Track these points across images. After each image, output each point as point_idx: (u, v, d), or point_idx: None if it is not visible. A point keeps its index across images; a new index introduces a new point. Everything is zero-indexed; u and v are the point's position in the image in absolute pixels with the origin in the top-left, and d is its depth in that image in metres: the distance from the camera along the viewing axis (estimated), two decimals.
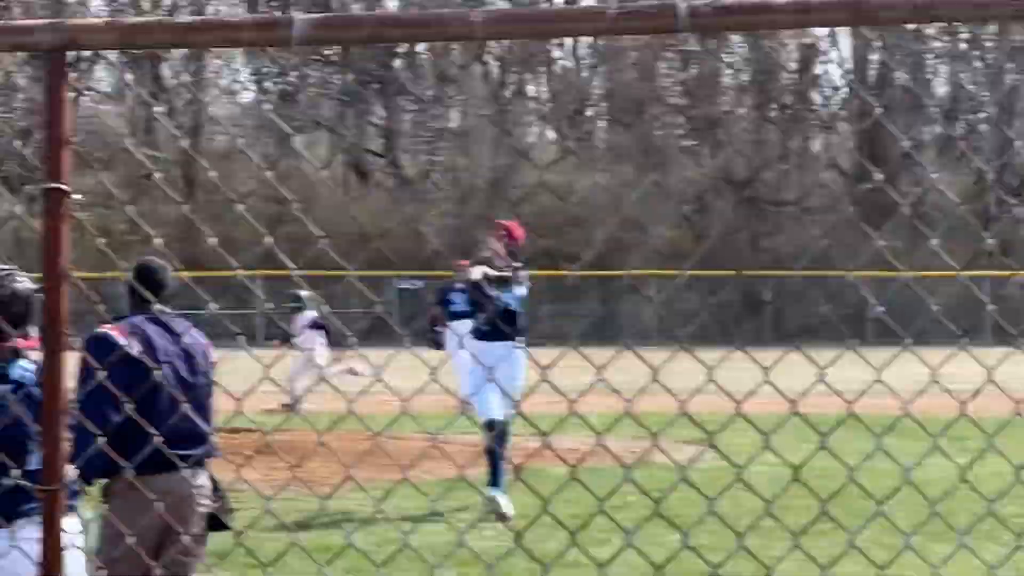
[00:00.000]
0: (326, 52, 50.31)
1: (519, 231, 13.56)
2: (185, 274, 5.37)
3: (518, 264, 13.66)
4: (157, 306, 7.31)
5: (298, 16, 3.26)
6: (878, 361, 3.61)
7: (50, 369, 3.44)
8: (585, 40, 48.45)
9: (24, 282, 5.86)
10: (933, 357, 3.65)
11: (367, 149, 54.92)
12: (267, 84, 54.59)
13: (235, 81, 55.76)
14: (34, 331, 5.85)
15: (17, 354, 5.79)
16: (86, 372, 7.10)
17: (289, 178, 47.63)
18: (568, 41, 51.09)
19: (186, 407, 7.20)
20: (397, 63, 53.55)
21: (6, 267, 5.87)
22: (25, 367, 5.81)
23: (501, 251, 13.53)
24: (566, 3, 52.97)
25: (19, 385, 5.77)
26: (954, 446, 14.42)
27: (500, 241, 13.52)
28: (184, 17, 3.49)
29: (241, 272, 10.64)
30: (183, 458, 7.05)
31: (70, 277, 3.35)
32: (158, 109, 52.04)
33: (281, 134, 50.13)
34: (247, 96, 57.10)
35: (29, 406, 5.48)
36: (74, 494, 5.61)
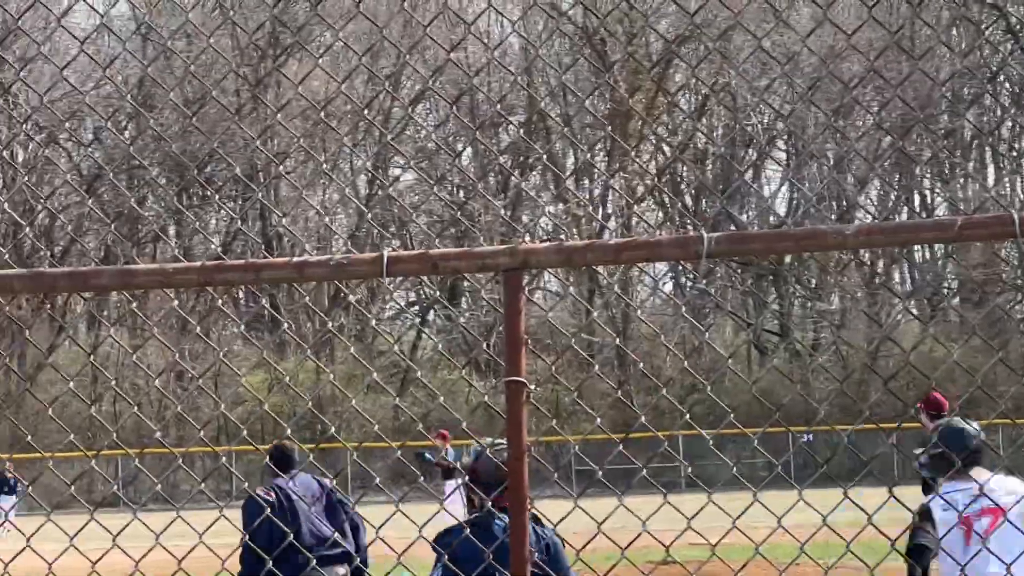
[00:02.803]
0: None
1: (944, 401, 13.84)
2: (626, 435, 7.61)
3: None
4: (294, 471, 9.73)
5: (706, 235, 3.61)
6: None
7: (516, 527, 3.78)
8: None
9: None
10: None
11: (766, 329, 61.12)
12: (682, 280, 59.78)
13: (653, 279, 60.85)
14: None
15: (499, 511, 6.07)
16: (245, 525, 9.14)
17: (701, 356, 53.69)
18: None
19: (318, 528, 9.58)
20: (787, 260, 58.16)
21: (501, 441, 5.98)
22: (503, 521, 6.19)
23: (926, 422, 13.46)
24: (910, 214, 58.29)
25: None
26: None
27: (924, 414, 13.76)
28: (613, 240, 3.73)
29: (661, 434, 10.70)
30: (329, 560, 9.26)
31: (529, 450, 3.77)
32: (593, 313, 58.20)
33: (694, 320, 54.38)
34: (666, 290, 62.64)
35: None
36: None
